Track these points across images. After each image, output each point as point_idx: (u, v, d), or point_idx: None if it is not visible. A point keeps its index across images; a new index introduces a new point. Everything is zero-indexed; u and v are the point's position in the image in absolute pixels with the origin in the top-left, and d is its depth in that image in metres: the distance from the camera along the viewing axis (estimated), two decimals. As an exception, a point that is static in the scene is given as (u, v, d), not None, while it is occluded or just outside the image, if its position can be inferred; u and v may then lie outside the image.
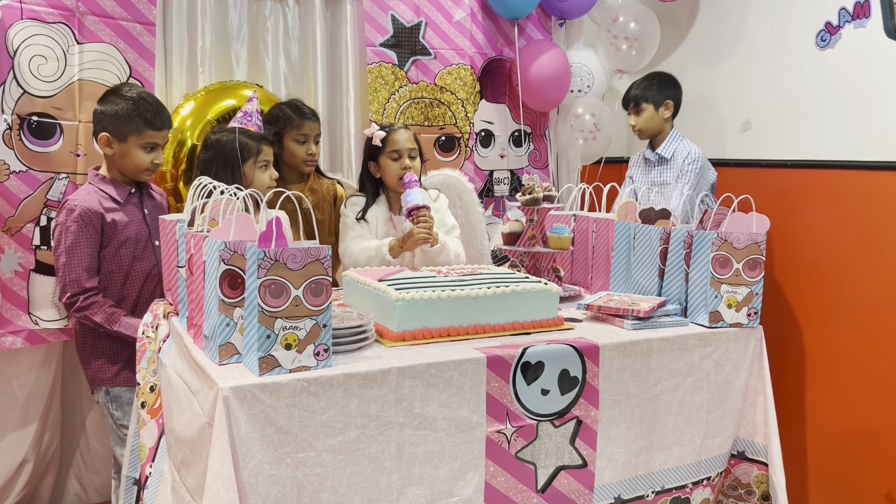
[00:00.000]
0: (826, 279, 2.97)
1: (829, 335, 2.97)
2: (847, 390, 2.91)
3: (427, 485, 1.55)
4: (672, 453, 1.86)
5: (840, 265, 2.91)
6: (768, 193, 3.06)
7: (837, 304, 2.92)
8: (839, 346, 2.93)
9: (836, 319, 2.94)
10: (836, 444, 2.95)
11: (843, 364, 2.92)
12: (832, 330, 2.96)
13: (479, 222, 2.73)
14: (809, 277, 3.03)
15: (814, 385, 3.04)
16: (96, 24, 2.45)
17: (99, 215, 2.18)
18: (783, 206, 3.01)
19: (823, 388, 3.00)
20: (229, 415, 1.35)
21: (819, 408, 3.01)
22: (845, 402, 2.91)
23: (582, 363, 1.71)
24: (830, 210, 2.93)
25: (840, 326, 2.93)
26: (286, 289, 1.41)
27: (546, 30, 3.41)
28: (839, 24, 2.90)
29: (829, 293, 2.96)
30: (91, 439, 2.71)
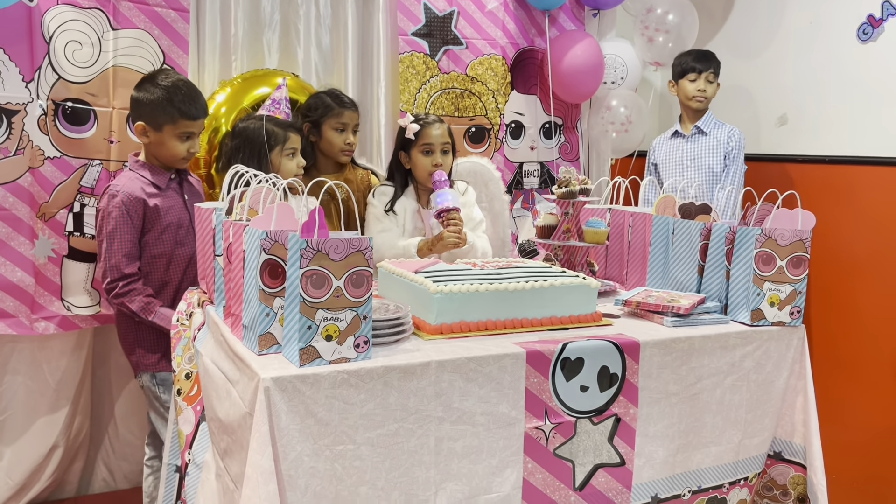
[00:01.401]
0: (863, 278, 2.91)
1: (864, 334, 2.92)
2: (881, 391, 2.85)
3: (465, 480, 1.53)
4: (710, 452, 1.83)
5: (878, 264, 2.86)
6: (804, 189, 2.99)
7: (874, 303, 2.87)
8: (874, 346, 2.87)
9: (872, 319, 2.88)
10: (868, 446, 2.90)
11: (877, 364, 2.86)
12: (868, 329, 2.91)
13: (503, 209, 2.73)
14: (846, 276, 2.97)
15: (846, 385, 2.99)
16: (131, 11, 2.44)
17: (141, 201, 2.17)
18: (819, 202, 2.94)
19: (856, 389, 2.95)
20: (270, 406, 1.34)
21: (852, 408, 2.96)
22: (879, 403, 2.86)
23: (622, 360, 1.68)
24: (868, 207, 2.87)
25: (876, 326, 2.87)
26: (328, 279, 1.39)
27: (579, 20, 3.36)
28: (882, 17, 2.83)
29: (865, 292, 2.90)
30: (120, 426, 2.73)
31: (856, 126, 2.91)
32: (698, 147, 3.10)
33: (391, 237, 2.42)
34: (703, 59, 3.09)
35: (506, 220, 2.83)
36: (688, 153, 3.13)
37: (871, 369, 2.88)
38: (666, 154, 3.22)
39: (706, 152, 3.08)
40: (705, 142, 3.10)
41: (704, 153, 3.09)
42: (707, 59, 3.09)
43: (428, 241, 2.34)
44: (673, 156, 3.19)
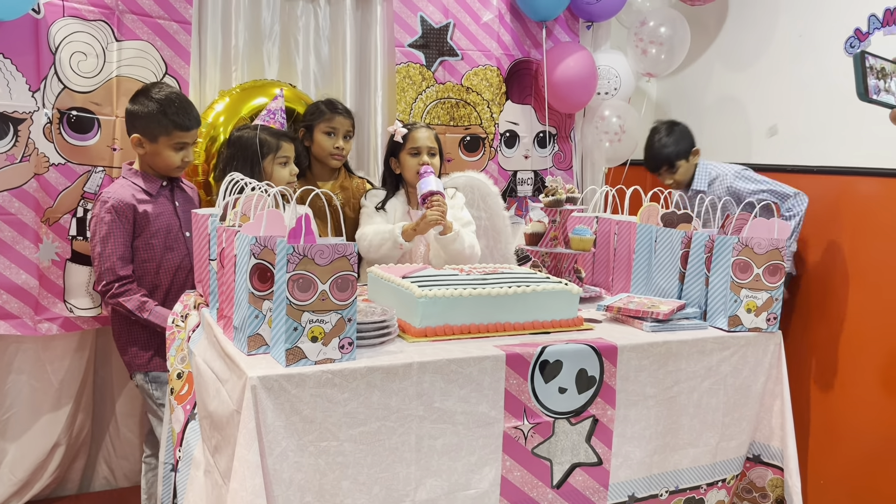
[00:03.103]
0: (850, 286, 2.96)
1: (852, 342, 2.96)
2: (870, 398, 2.90)
3: (444, 477, 1.59)
4: (687, 454, 1.89)
5: (864, 272, 2.91)
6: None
7: (861, 311, 2.92)
8: (862, 354, 2.92)
9: (859, 327, 2.93)
10: (858, 452, 2.94)
11: (865, 371, 2.91)
12: (856, 337, 2.95)
13: (504, 226, 2.77)
14: (833, 283, 3.02)
15: (837, 391, 3.04)
16: (135, 23, 2.52)
17: (131, 206, 2.25)
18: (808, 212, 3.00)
19: (847, 395, 2.99)
20: (257, 403, 1.41)
21: (843, 414, 3.01)
22: (868, 410, 2.90)
23: (600, 363, 1.74)
24: (856, 217, 2.92)
25: (864, 334, 2.92)
26: (314, 283, 1.46)
27: (573, 32, 3.43)
28: (868, 31, 2.89)
29: (853, 300, 2.95)
30: (121, 425, 2.80)
31: (843, 137, 2.97)
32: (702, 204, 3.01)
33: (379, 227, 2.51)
34: (650, 161, 3.05)
35: (508, 235, 2.87)
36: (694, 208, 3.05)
37: (861, 377, 2.93)
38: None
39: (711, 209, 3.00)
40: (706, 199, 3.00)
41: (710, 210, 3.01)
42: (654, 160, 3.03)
43: (412, 223, 2.42)
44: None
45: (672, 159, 2.99)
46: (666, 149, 3.00)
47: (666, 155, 2.99)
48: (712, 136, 3.35)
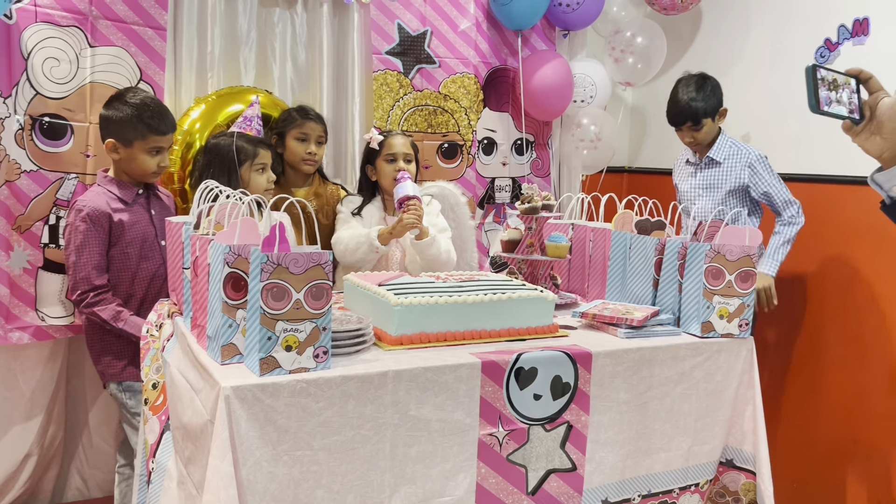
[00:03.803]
0: (823, 291, 3.01)
1: (822, 347, 3.01)
2: (839, 402, 2.95)
3: (419, 484, 1.60)
4: (659, 459, 1.90)
5: (836, 278, 2.96)
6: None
7: (831, 317, 2.97)
8: (832, 359, 2.97)
9: (828, 332, 2.98)
10: (829, 455, 2.99)
11: (835, 376, 2.96)
12: (826, 343, 3.00)
13: (469, 235, 2.80)
14: (806, 289, 3.07)
15: (809, 396, 3.08)
16: (108, 28, 2.51)
17: (106, 215, 2.23)
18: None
19: (818, 400, 3.04)
20: (230, 413, 1.40)
21: (816, 417, 3.05)
22: (838, 414, 2.95)
23: (574, 369, 1.76)
24: (828, 224, 2.97)
25: (833, 339, 2.97)
26: (288, 292, 1.46)
27: (550, 40, 3.46)
28: (838, 41, 2.95)
29: (826, 305, 3.00)
30: (94, 435, 2.77)
31: (813, 146, 3.02)
32: (710, 177, 2.91)
33: (355, 231, 2.51)
34: (675, 115, 2.90)
35: (472, 244, 2.90)
36: (700, 182, 2.95)
37: (831, 382, 2.98)
38: (681, 177, 3.07)
39: (718, 182, 2.88)
40: (718, 172, 2.90)
41: (716, 183, 2.89)
42: (679, 114, 2.88)
43: (389, 227, 2.43)
44: (686, 182, 3.03)
45: (699, 115, 2.82)
46: (694, 103, 2.82)
47: (693, 109, 2.82)
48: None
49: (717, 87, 2.91)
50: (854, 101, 1.27)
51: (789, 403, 3.14)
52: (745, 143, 2.96)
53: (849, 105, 1.26)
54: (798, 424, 3.10)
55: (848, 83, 1.28)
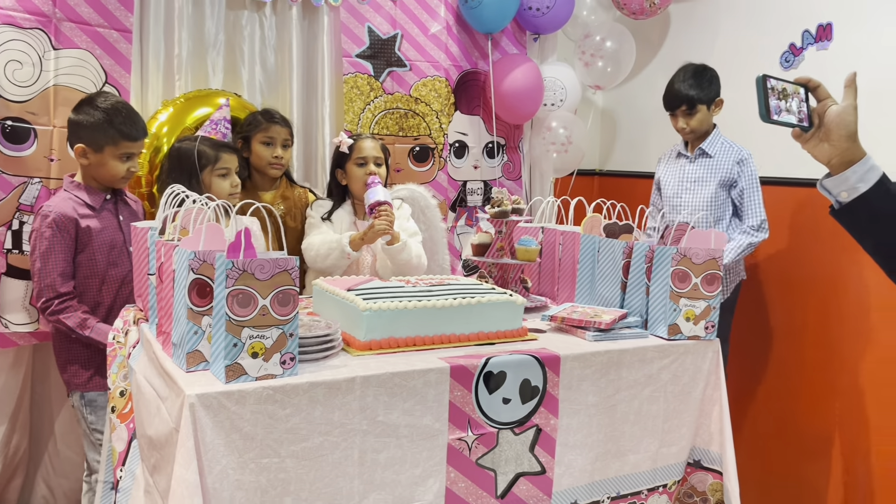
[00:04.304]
0: (790, 293, 3.06)
1: (792, 348, 3.06)
2: (809, 402, 3.00)
3: (388, 490, 1.59)
4: (628, 460, 1.92)
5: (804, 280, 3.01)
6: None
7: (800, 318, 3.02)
8: (802, 359, 3.02)
9: (797, 333, 3.03)
10: (799, 454, 3.04)
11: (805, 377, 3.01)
12: (795, 343, 3.05)
13: (440, 238, 2.80)
14: (776, 291, 3.12)
15: (780, 396, 3.13)
16: (72, 31, 2.47)
17: (73, 221, 2.20)
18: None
19: (789, 400, 3.09)
20: (195, 421, 1.39)
21: (785, 419, 3.10)
22: (808, 414, 3.00)
23: (543, 373, 1.77)
24: (797, 226, 3.02)
25: (802, 340, 3.02)
26: (254, 298, 1.45)
27: (520, 44, 3.48)
28: (802, 46, 3.00)
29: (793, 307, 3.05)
30: (59, 443, 2.72)
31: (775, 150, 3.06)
32: (701, 169, 2.91)
33: (326, 236, 2.50)
34: (670, 98, 2.93)
35: (444, 247, 2.90)
36: (689, 175, 2.95)
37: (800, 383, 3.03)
38: (668, 172, 3.05)
39: (709, 175, 2.88)
40: (709, 164, 2.90)
41: (707, 176, 2.89)
42: (675, 98, 2.90)
43: (360, 232, 2.42)
44: (675, 175, 3.01)
45: (693, 100, 2.84)
46: (690, 89, 2.85)
47: (687, 94, 2.85)
48: (658, 146, 3.42)
49: (715, 78, 2.93)
50: (803, 110, 1.29)
51: (761, 404, 3.19)
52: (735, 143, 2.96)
53: (798, 113, 1.29)
54: (769, 424, 3.15)
55: (797, 92, 1.30)
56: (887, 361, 2.71)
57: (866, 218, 1.24)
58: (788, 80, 1.31)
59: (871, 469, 2.77)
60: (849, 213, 1.25)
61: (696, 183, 2.94)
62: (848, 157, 1.24)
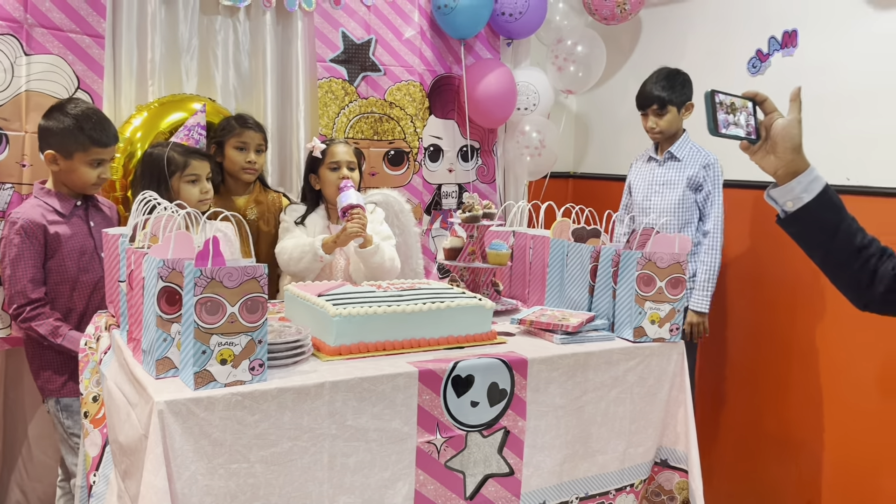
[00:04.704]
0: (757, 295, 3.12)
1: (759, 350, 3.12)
2: (774, 404, 3.06)
3: (358, 493, 1.62)
4: (595, 461, 1.96)
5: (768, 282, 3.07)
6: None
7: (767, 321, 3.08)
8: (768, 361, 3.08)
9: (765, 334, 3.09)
10: (766, 452, 3.10)
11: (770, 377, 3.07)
12: (762, 345, 3.11)
13: (414, 242, 2.82)
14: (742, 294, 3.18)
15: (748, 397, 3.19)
16: (44, 36, 2.47)
17: (41, 227, 2.20)
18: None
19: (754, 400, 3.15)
20: (164, 428, 1.40)
21: (752, 418, 3.16)
22: (774, 409, 3.06)
23: (511, 376, 1.80)
24: (763, 229, 3.08)
25: (768, 341, 3.08)
26: (222, 306, 1.46)
27: (494, 49, 3.51)
28: (769, 53, 3.06)
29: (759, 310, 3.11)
30: (33, 447, 2.71)
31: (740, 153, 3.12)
32: (670, 172, 2.99)
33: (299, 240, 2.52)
34: (642, 98, 3.00)
35: (417, 251, 2.93)
36: (658, 177, 3.02)
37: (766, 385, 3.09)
38: (639, 176, 3.12)
39: (678, 178, 2.96)
40: (677, 167, 2.97)
41: (675, 178, 2.97)
42: (647, 97, 2.98)
43: (332, 236, 2.44)
44: (645, 178, 3.08)
45: (664, 101, 2.93)
46: (662, 90, 2.93)
47: (659, 95, 2.93)
48: (630, 149, 3.47)
49: (687, 83, 3.00)
50: (751, 123, 1.34)
51: (730, 403, 3.25)
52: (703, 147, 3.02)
53: (746, 127, 1.33)
54: (737, 423, 3.21)
55: (745, 106, 1.35)
56: (845, 361, 2.77)
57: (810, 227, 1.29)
58: (737, 95, 1.36)
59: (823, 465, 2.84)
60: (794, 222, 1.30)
61: (665, 186, 3.00)
62: (793, 169, 1.29)
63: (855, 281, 1.31)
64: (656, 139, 3.04)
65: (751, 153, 1.34)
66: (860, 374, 2.74)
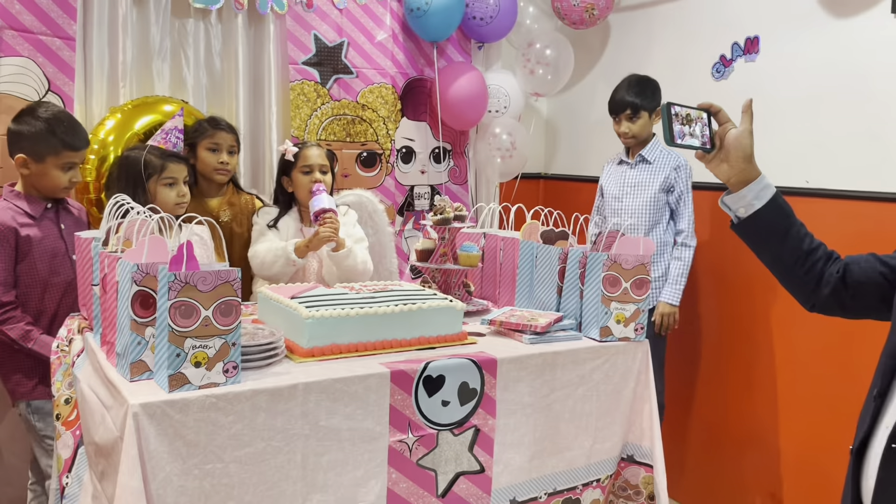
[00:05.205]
0: (725, 296, 3.21)
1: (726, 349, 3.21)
2: (739, 399, 3.14)
3: (331, 492, 1.65)
4: (563, 458, 2.01)
5: (735, 282, 3.15)
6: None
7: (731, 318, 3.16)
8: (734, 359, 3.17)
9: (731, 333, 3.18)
10: (731, 448, 3.19)
11: (736, 376, 3.16)
12: (728, 344, 3.20)
13: (388, 241, 2.85)
14: (710, 294, 3.26)
15: (714, 394, 3.28)
16: (14, 39, 2.46)
17: (12, 230, 2.20)
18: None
19: (720, 398, 3.23)
20: (139, 430, 1.43)
21: (719, 415, 3.24)
22: (736, 412, 3.15)
23: (480, 376, 1.84)
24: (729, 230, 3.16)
25: (735, 340, 3.17)
26: (196, 310, 1.49)
27: (466, 52, 3.56)
28: (732, 58, 3.14)
29: (725, 309, 3.20)
30: (4, 451, 2.70)
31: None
32: (641, 174, 3.06)
33: (272, 244, 2.54)
34: (615, 104, 3.07)
35: (391, 250, 2.96)
36: (629, 180, 3.10)
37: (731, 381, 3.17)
38: (611, 178, 3.19)
39: (648, 180, 3.04)
40: (649, 170, 3.05)
41: (646, 181, 3.04)
42: (619, 103, 3.05)
43: (305, 240, 2.47)
44: (617, 180, 3.15)
45: (637, 107, 3.01)
46: (634, 96, 3.02)
47: (632, 101, 3.01)
48: (600, 152, 3.54)
49: (657, 90, 3.09)
50: (706, 133, 1.40)
51: (698, 401, 3.33)
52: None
53: (701, 137, 1.39)
54: (705, 421, 3.30)
55: (700, 117, 1.41)
56: (805, 358, 2.87)
57: (761, 232, 1.35)
58: (692, 106, 1.41)
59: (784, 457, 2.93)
60: (746, 227, 1.36)
61: (637, 188, 3.08)
62: (745, 177, 1.35)
63: (802, 283, 1.38)
64: (629, 143, 3.11)
65: (706, 162, 1.40)
66: (819, 370, 2.83)
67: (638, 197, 3.06)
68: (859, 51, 2.69)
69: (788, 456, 2.95)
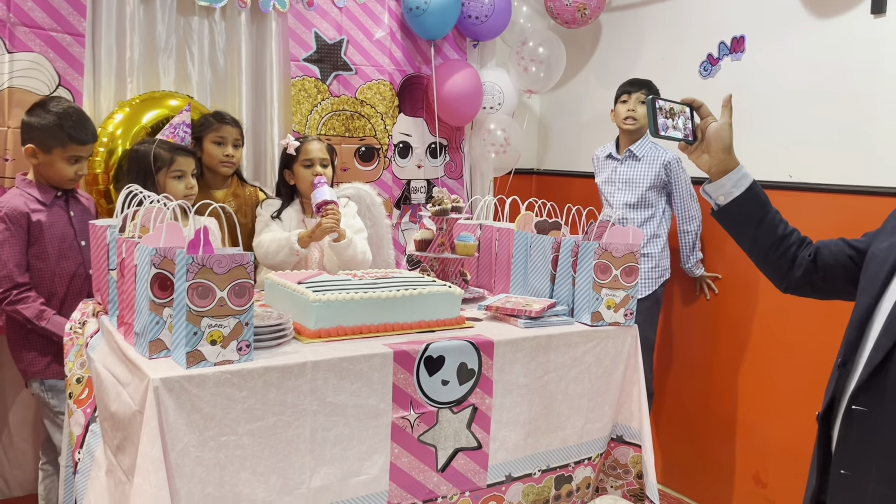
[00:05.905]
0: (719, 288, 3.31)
1: (711, 340, 3.32)
2: (724, 387, 3.25)
3: (337, 464, 1.75)
4: (556, 436, 2.11)
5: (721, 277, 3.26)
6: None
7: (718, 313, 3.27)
8: (718, 351, 3.28)
9: (716, 326, 3.29)
10: (717, 432, 3.30)
11: (720, 366, 3.26)
12: (713, 335, 3.31)
13: (385, 233, 2.95)
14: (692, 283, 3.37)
15: (699, 383, 3.38)
16: (26, 35, 2.54)
17: (25, 215, 2.29)
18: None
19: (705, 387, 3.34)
20: (159, 403, 1.52)
21: (706, 402, 3.35)
22: (725, 397, 3.26)
23: (478, 357, 1.94)
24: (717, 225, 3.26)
25: (719, 332, 3.28)
26: (212, 291, 1.58)
27: (461, 50, 3.65)
28: (719, 57, 3.25)
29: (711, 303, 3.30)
30: (14, 434, 2.78)
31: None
32: (630, 171, 3.14)
33: (276, 234, 2.63)
34: (635, 83, 3.15)
35: (389, 242, 3.05)
36: (620, 175, 3.17)
37: (721, 371, 3.28)
38: (601, 171, 3.29)
39: (638, 177, 3.11)
40: (637, 167, 3.13)
41: (636, 178, 3.11)
42: (639, 83, 3.13)
43: (308, 230, 2.56)
44: (608, 176, 3.24)
45: (651, 88, 3.12)
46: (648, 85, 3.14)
47: (647, 80, 3.13)
48: (591, 148, 3.64)
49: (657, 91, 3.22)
50: (688, 126, 1.50)
51: (685, 389, 3.44)
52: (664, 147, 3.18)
53: (684, 130, 1.50)
54: (690, 408, 3.41)
55: (683, 111, 1.51)
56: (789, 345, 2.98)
57: (739, 218, 1.46)
58: (675, 101, 1.52)
59: (769, 445, 3.04)
60: (725, 214, 1.47)
61: (627, 184, 3.18)
62: (724, 167, 1.45)
63: (777, 266, 1.48)
64: (629, 127, 3.16)
65: (688, 153, 1.50)
66: (802, 358, 2.94)
67: (630, 193, 3.17)
68: (841, 50, 2.80)
69: (772, 441, 3.06)
